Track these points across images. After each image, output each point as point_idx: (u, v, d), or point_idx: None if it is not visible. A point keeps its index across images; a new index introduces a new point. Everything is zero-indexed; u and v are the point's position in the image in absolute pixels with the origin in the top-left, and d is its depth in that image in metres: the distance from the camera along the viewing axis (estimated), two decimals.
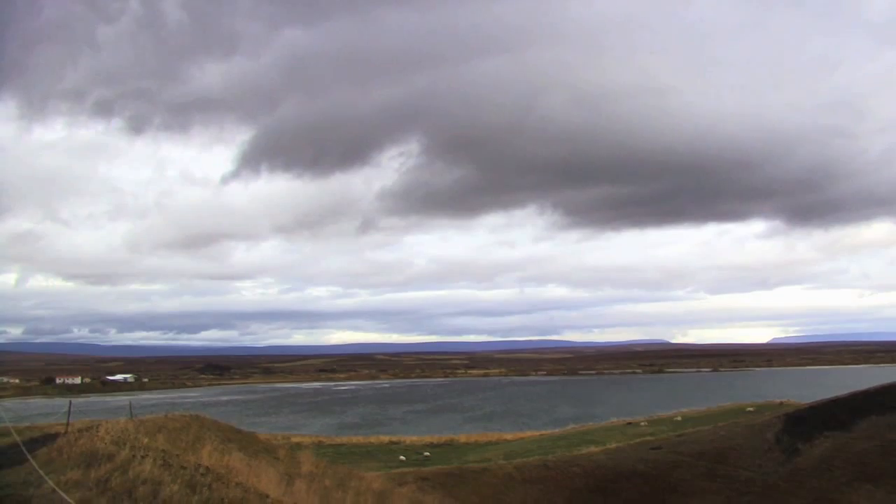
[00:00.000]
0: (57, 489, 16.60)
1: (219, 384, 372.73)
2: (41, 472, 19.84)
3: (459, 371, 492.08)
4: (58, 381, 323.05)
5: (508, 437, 73.14)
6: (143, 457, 19.56)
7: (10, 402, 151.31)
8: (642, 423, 68.38)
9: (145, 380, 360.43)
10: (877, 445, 41.56)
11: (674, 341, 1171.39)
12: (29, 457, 23.46)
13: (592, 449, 52.54)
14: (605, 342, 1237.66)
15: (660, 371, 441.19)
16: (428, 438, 74.16)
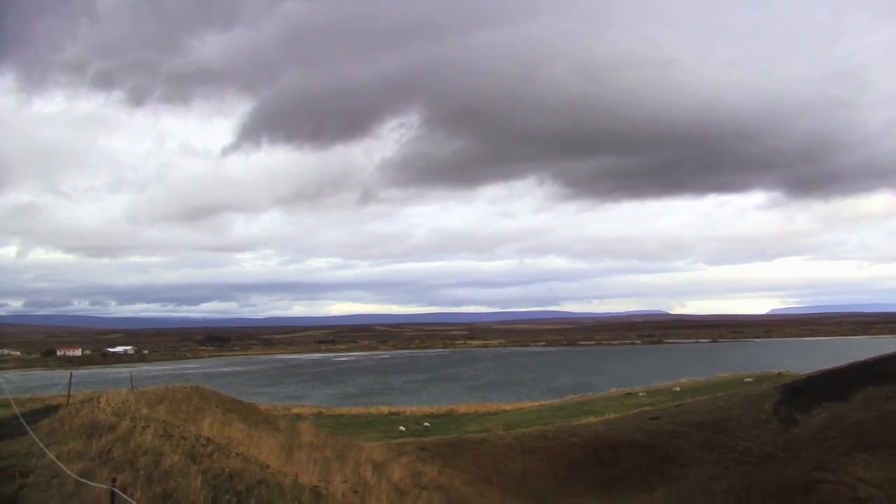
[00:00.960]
0: (57, 461, 16.69)
1: (219, 356, 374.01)
2: (42, 443, 19.95)
3: (459, 342, 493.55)
4: (58, 353, 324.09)
5: (508, 407, 73.41)
6: (144, 428, 19.65)
7: (11, 375, 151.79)
8: (641, 394, 68.66)
9: (146, 352, 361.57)
10: (874, 416, 41.76)
11: (673, 312, 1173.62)
12: (29, 429, 23.58)
13: (591, 419, 52.79)
14: (605, 313, 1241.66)
15: (659, 342, 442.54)
16: (427, 409, 74.46)
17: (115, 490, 10.26)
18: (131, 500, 11.55)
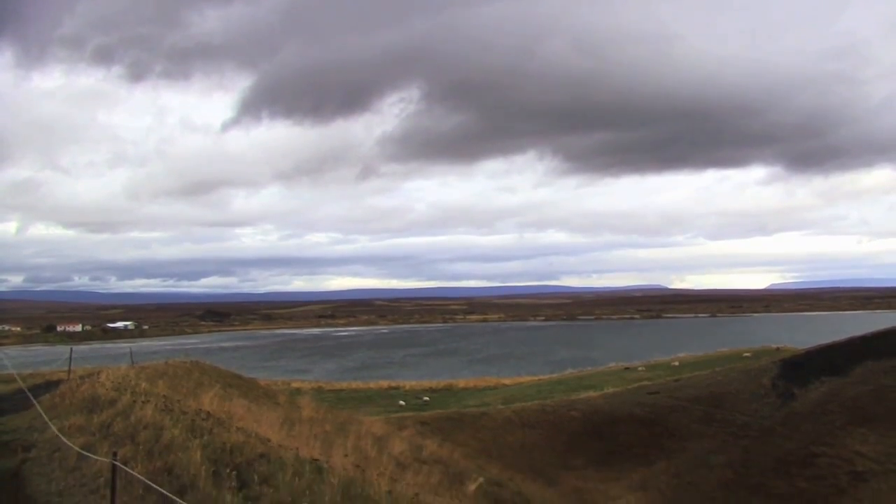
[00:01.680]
0: (60, 435, 16.77)
1: (219, 331, 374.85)
2: (45, 417, 20.04)
3: (458, 316, 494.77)
4: (59, 328, 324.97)
5: (507, 381, 73.57)
6: (144, 402, 19.72)
7: (12, 350, 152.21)
8: (640, 368, 68.80)
9: (146, 327, 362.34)
10: (871, 390, 41.91)
11: (672, 287, 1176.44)
12: (35, 402, 23.69)
13: (590, 393, 52.95)
14: (604, 287, 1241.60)
15: (658, 316, 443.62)
16: (427, 383, 74.61)
17: (117, 463, 10.31)
18: (133, 473, 11.60)
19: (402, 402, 56.33)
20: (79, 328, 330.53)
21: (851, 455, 36.51)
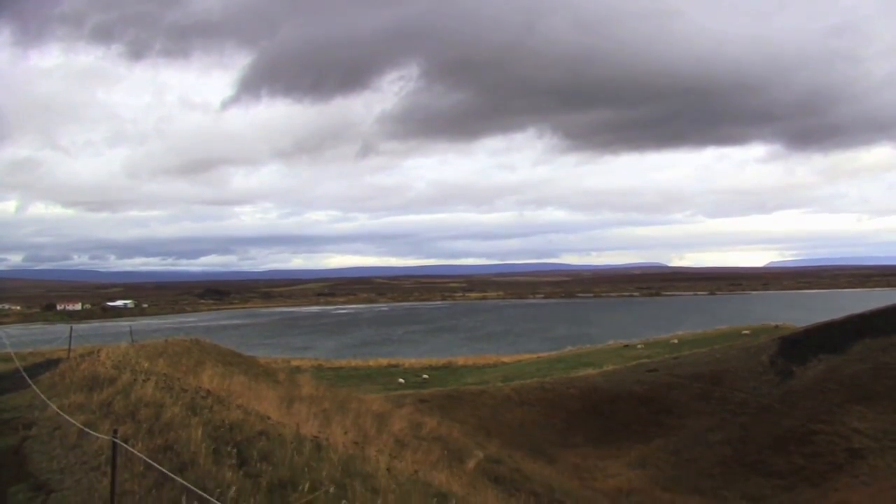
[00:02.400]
0: (61, 412, 16.79)
1: (218, 309, 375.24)
2: (44, 396, 20.07)
3: (457, 294, 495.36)
4: (58, 307, 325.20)
5: (506, 359, 73.79)
6: (144, 380, 19.73)
7: (12, 329, 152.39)
8: (639, 346, 68.99)
9: (145, 305, 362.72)
10: (869, 368, 42.08)
11: (671, 264, 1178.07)
12: (31, 382, 23.72)
13: (589, 371, 53.14)
14: (603, 265, 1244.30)
15: (657, 294, 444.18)
16: (426, 361, 74.80)
17: (117, 441, 10.33)
18: (133, 451, 11.63)
19: (401, 380, 56.51)
20: (78, 307, 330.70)
21: (849, 432, 36.69)
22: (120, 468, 10.70)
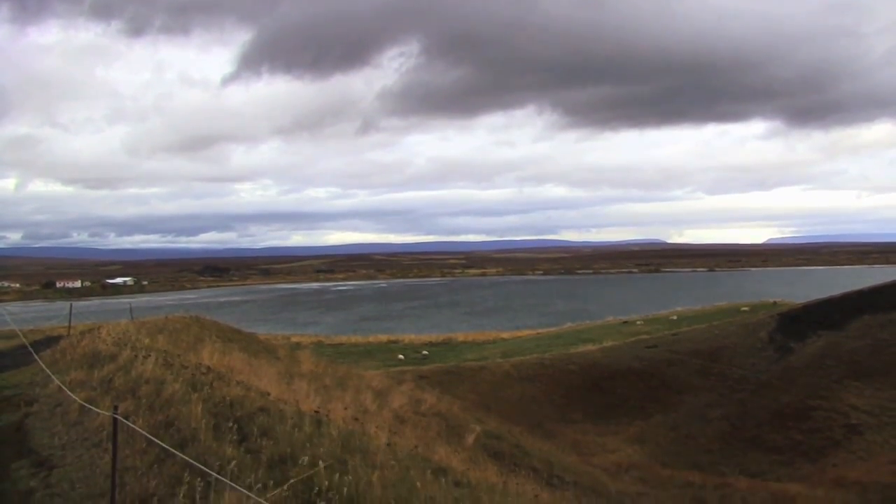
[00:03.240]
0: (64, 387, 16.86)
1: (218, 286, 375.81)
2: (48, 371, 20.13)
3: (457, 271, 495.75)
4: (58, 285, 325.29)
5: (506, 335, 73.88)
6: (144, 357, 19.77)
7: (12, 306, 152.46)
8: (638, 322, 69.09)
9: (145, 283, 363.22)
10: (868, 344, 42.19)
11: (670, 241, 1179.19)
12: (37, 357, 23.79)
13: (589, 347, 53.23)
14: (602, 242, 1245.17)
15: (656, 270, 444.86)
16: (426, 337, 74.89)
17: (118, 417, 10.36)
18: (134, 427, 11.68)
19: (401, 356, 56.61)
20: (78, 284, 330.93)
21: (847, 408, 36.85)
22: (121, 444, 10.75)
